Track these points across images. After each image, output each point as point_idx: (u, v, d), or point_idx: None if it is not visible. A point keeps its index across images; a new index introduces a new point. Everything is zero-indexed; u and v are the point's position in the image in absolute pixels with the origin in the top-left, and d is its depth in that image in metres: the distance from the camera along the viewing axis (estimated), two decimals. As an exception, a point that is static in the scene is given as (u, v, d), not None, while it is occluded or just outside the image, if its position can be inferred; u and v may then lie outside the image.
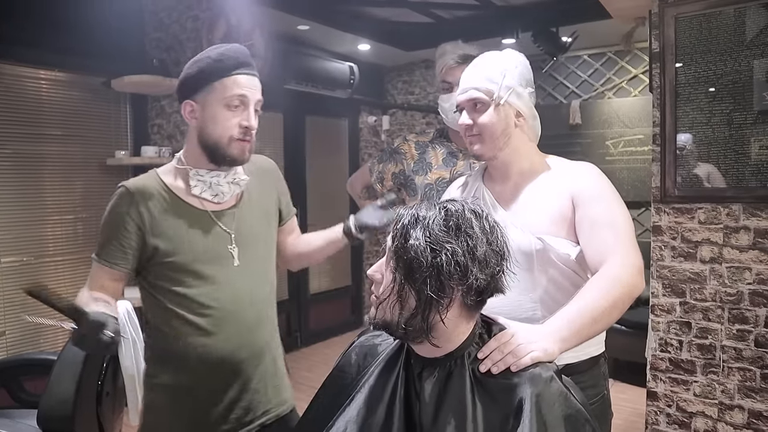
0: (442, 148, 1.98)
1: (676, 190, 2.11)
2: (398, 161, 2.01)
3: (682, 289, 2.10)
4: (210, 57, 1.32)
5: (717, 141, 2.05)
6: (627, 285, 1.19)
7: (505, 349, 1.00)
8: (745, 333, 1.98)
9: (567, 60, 4.53)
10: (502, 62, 1.38)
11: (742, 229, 1.99)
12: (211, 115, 1.31)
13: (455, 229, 0.94)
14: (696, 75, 2.08)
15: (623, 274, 1.20)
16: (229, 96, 1.30)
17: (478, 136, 1.38)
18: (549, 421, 0.92)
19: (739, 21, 1.99)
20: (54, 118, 3.23)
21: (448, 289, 0.94)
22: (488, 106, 1.36)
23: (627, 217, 1.31)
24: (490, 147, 1.38)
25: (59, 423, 1.78)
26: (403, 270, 0.94)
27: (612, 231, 1.26)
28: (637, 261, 1.23)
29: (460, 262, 0.92)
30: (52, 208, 3.23)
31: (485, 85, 1.36)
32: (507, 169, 1.41)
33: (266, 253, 1.46)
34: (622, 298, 1.17)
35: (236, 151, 1.33)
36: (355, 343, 1.19)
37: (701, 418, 2.07)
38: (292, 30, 4.08)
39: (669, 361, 2.13)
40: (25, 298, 3.07)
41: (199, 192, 1.35)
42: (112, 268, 1.31)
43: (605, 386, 1.42)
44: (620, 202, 1.33)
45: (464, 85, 1.40)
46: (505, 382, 0.97)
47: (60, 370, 1.83)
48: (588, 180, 1.35)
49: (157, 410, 1.36)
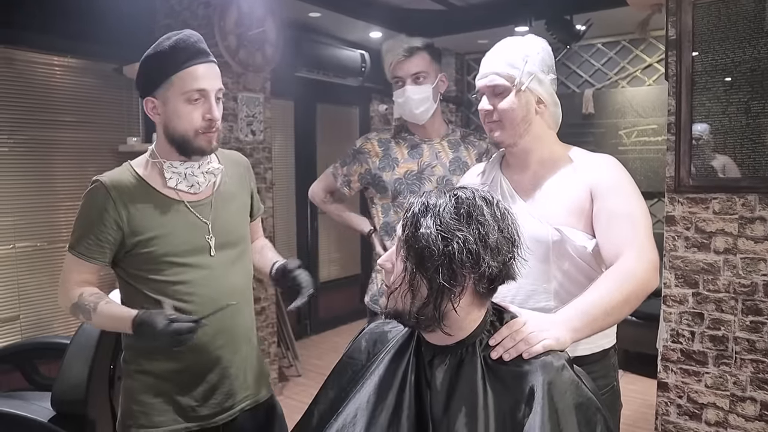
0: (405, 141, 2.00)
1: (690, 180, 2.08)
2: (362, 161, 2.00)
3: (695, 279, 2.08)
4: (164, 49, 1.29)
5: (733, 130, 2.02)
6: (641, 280, 1.18)
7: (517, 337, 0.99)
8: (759, 324, 1.96)
9: (580, 48, 4.48)
10: (525, 47, 1.36)
11: (757, 220, 1.96)
12: (173, 111, 1.30)
13: (466, 217, 0.93)
14: (713, 63, 2.04)
15: (638, 270, 1.19)
16: (189, 91, 1.29)
17: (498, 122, 1.36)
18: (560, 408, 0.91)
19: (759, 7, 1.95)
20: (66, 104, 3.24)
21: (460, 277, 0.93)
22: (509, 92, 1.34)
23: (645, 211, 1.29)
24: (511, 134, 1.36)
25: (72, 406, 1.81)
26: (414, 259, 0.94)
27: (630, 225, 1.25)
28: (653, 256, 1.22)
29: (472, 250, 0.92)
30: (64, 194, 3.25)
31: (506, 70, 1.34)
32: (526, 157, 1.39)
33: (243, 242, 1.47)
34: (636, 293, 1.17)
35: (203, 142, 1.33)
36: (365, 330, 1.19)
37: (712, 409, 2.06)
38: (304, 17, 4.06)
39: (680, 352, 2.11)
40: (40, 282, 3.12)
41: (175, 184, 1.35)
42: (89, 262, 1.32)
43: (615, 377, 1.42)
44: (639, 196, 1.31)
45: (485, 70, 1.38)
46: (517, 370, 0.96)
47: (73, 354, 1.85)
48: (608, 172, 1.33)
49: (136, 396, 1.36)
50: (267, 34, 3.48)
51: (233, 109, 3.42)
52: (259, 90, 3.57)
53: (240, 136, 3.46)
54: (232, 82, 3.40)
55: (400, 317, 0.99)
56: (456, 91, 5.20)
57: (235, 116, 3.43)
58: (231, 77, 3.39)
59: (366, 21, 4.15)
